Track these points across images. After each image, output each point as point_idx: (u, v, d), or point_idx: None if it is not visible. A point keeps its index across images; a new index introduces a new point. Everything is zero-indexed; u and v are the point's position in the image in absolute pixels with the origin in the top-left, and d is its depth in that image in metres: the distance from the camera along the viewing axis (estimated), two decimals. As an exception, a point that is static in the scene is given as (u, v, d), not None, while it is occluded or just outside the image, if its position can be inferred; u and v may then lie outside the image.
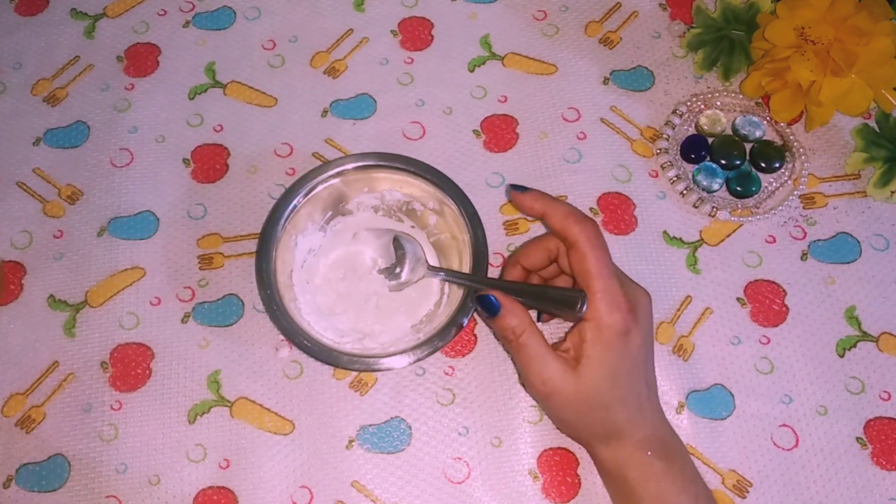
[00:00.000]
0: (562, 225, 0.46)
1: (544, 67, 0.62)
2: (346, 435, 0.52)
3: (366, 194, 0.55)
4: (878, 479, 0.51)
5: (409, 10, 0.64)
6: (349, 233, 0.56)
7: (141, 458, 0.51)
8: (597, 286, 0.45)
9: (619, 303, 0.45)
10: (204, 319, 0.54)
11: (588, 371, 0.45)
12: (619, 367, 0.45)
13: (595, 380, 0.45)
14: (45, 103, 0.61)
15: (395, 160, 0.54)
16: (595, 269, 0.45)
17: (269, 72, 0.62)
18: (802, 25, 0.57)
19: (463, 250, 0.53)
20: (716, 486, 0.51)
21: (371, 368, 0.49)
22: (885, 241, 0.57)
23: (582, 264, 0.45)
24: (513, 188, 0.49)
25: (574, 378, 0.45)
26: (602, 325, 0.45)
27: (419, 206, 0.56)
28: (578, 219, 0.46)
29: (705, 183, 0.59)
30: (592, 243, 0.45)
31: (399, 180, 0.54)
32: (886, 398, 0.53)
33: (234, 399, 0.53)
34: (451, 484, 0.51)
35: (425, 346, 0.49)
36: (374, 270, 0.54)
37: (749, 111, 0.61)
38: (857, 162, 0.59)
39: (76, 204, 0.58)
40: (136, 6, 0.64)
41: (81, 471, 0.51)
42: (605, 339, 0.45)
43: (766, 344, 0.54)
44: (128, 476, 0.51)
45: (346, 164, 0.53)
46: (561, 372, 0.45)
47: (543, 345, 0.45)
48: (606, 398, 0.45)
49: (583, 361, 0.45)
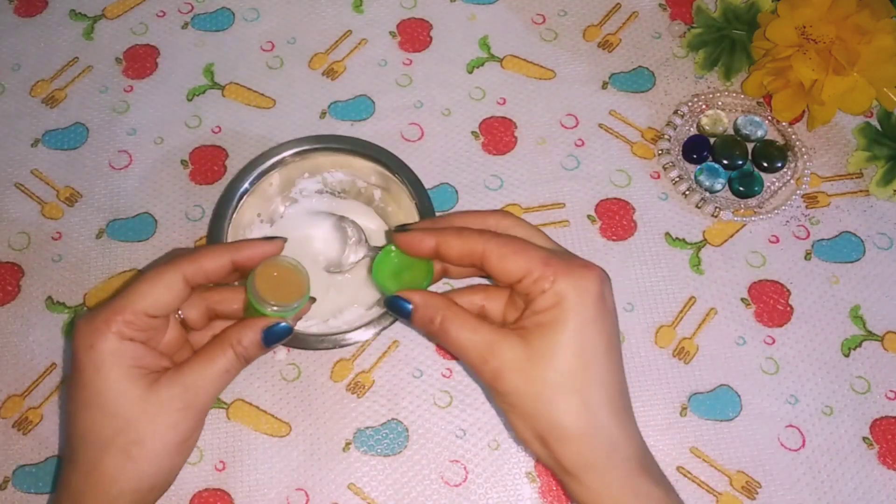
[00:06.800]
0: (461, 250, 0.39)
1: (543, 72, 0.62)
2: (342, 437, 0.51)
3: (307, 179, 0.56)
4: (886, 479, 0.50)
5: (407, 11, 0.64)
6: (295, 221, 0.56)
7: (136, 460, 0.51)
8: (532, 260, 0.37)
9: (574, 262, 0.37)
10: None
11: (548, 341, 0.36)
12: (592, 340, 0.36)
13: (559, 351, 0.35)
14: (44, 105, 0.61)
15: (331, 140, 0.55)
16: (517, 254, 0.37)
17: (267, 73, 0.62)
18: (804, 24, 0.57)
19: (412, 218, 0.53)
20: (724, 489, 0.50)
21: (339, 345, 0.49)
22: (889, 239, 0.56)
23: (502, 262, 0.37)
24: (394, 232, 0.41)
25: (526, 349, 0.36)
26: (562, 290, 0.36)
27: (362, 183, 0.56)
28: (475, 231, 0.39)
29: (707, 183, 0.58)
30: (501, 240, 0.38)
31: (339, 160, 0.55)
32: (892, 397, 0.52)
33: (231, 401, 0.52)
34: (448, 487, 0.50)
35: (389, 315, 0.49)
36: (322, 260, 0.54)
37: (751, 111, 0.61)
38: (859, 161, 0.58)
39: (74, 206, 0.58)
40: (135, 7, 0.65)
41: (76, 473, 0.51)
42: (571, 302, 0.36)
43: (770, 344, 0.54)
44: (123, 478, 0.50)
45: (283, 151, 0.54)
46: (507, 342, 0.36)
47: (473, 319, 0.38)
48: (579, 380, 0.36)
49: (537, 332, 0.36)
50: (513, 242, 0.38)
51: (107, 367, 0.38)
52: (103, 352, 0.38)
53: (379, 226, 0.57)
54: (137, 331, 0.39)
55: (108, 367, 0.38)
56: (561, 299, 0.36)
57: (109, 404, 0.38)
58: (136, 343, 0.39)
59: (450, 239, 0.39)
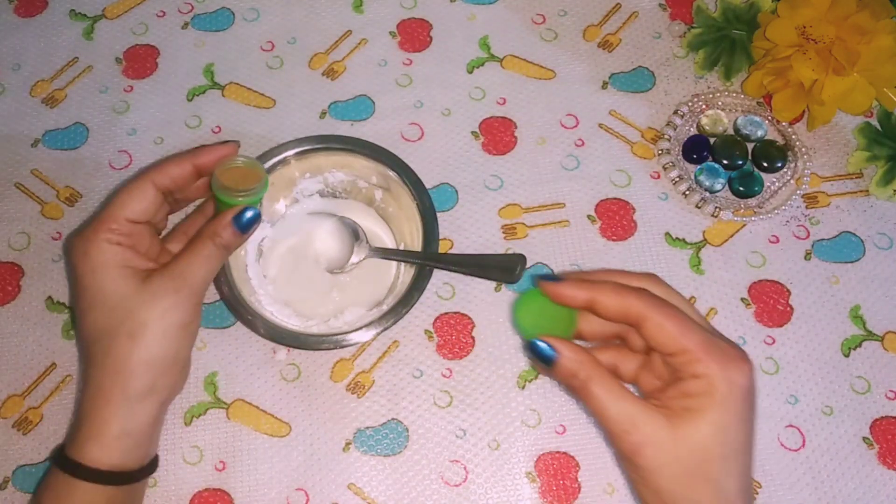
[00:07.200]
0: (619, 307, 0.39)
1: (543, 72, 0.62)
2: (342, 437, 0.51)
3: (308, 179, 0.56)
4: (886, 479, 0.50)
5: (407, 11, 0.64)
6: (296, 221, 0.56)
7: (136, 460, 0.51)
8: (692, 341, 0.37)
9: (730, 353, 0.37)
10: (201, 321, 0.54)
11: (693, 427, 0.36)
12: (735, 434, 0.37)
13: (702, 439, 0.36)
14: (44, 105, 0.61)
15: (333, 141, 0.55)
16: (678, 329, 0.38)
17: (267, 73, 0.62)
18: (804, 24, 0.57)
19: (413, 218, 0.54)
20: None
21: (339, 345, 0.50)
22: (889, 239, 0.56)
23: (661, 333, 0.38)
24: (542, 280, 0.41)
25: (670, 430, 0.37)
26: (716, 380, 0.37)
27: (363, 183, 0.56)
28: (633, 290, 0.39)
29: (708, 183, 0.58)
30: (662, 309, 0.38)
31: (339, 161, 0.55)
32: (892, 397, 0.52)
33: (231, 401, 0.52)
34: (448, 487, 0.50)
35: (390, 316, 0.50)
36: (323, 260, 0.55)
37: (751, 111, 0.61)
38: (859, 161, 0.58)
39: (75, 206, 0.58)
40: (135, 7, 0.65)
41: (77, 473, 0.51)
42: (722, 394, 0.36)
43: (770, 344, 0.54)
44: (123, 478, 0.50)
45: (285, 151, 0.54)
46: (651, 419, 0.37)
47: (619, 386, 0.38)
48: (716, 469, 0.36)
49: (685, 416, 0.37)
50: (674, 315, 0.38)
51: (101, 269, 0.43)
52: (96, 257, 0.43)
53: (380, 226, 0.57)
54: (122, 236, 0.44)
55: (102, 269, 0.43)
56: (713, 389, 0.37)
57: (109, 300, 0.43)
58: (123, 247, 0.44)
59: (607, 295, 0.39)
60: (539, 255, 0.56)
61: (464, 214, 0.57)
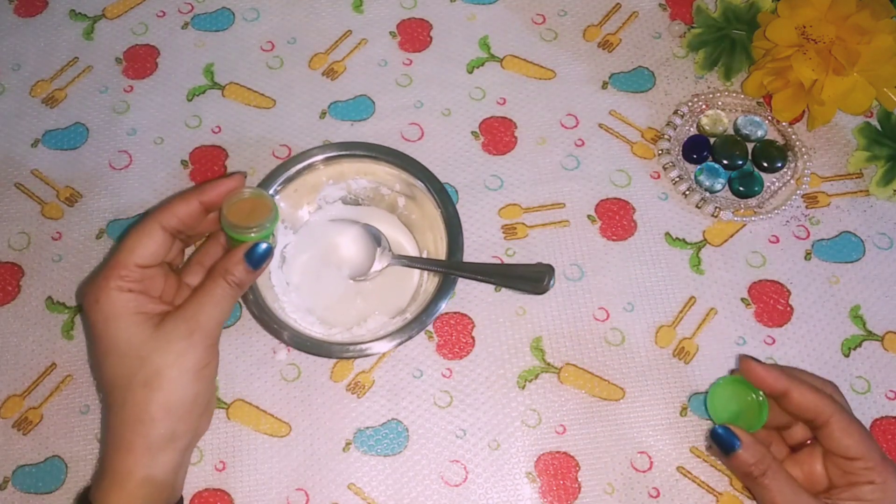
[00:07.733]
0: (811, 404, 0.44)
1: (543, 72, 0.62)
2: (342, 437, 0.51)
3: (332, 186, 0.56)
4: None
5: (407, 11, 0.64)
6: (319, 228, 0.56)
7: (136, 460, 0.51)
8: (873, 451, 0.43)
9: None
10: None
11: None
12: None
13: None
14: (44, 105, 0.61)
15: (357, 147, 0.55)
16: (862, 437, 0.43)
17: (267, 73, 0.62)
18: (804, 24, 0.57)
19: (437, 226, 0.53)
20: (724, 489, 0.50)
21: (363, 354, 0.50)
22: (889, 239, 0.56)
23: (847, 437, 0.44)
24: (745, 359, 0.47)
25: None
26: (890, 491, 0.42)
27: (386, 191, 0.56)
28: (825, 395, 0.44)
29: (708, 183, 0.58)
30: (849, 415, 0.44)
31: (363, 168, 0.55)
32: (892, 397, 0.52)
33: (231, 401, 0.52)
34: (448, 487, 0.50)
35: (414, 325, 0.50)
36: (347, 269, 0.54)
37: (751, 111, 0.61)
38: (859, 161, 0.58)
39: (75, 206, 0.58)
40: (135, 7, 0.65)
41: (78, 473, 0.51)
42: (891, 502, 0.42)
43: (770, 344, 0.54)
44: (123, 478, 0.50)
45: (311, 157, 0.54)
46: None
47: (795, 485, 0.43)
48: None
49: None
50: (859, 424, 0.44)
51: (114, 318, 0.43)
52: (107, 305, 0.43)
53: (402, 234, 0.56)
54: (133, 282, 0.44)
55: (114, 318, 0.43)
56: (884, 497, 0.42)
57: (122, 348, 0.43)
58: (135, 293, 0.44)
59: (805, 390, 0.44)
60: (539, 255, 0.56)
61: (464, 214, 0.57)
